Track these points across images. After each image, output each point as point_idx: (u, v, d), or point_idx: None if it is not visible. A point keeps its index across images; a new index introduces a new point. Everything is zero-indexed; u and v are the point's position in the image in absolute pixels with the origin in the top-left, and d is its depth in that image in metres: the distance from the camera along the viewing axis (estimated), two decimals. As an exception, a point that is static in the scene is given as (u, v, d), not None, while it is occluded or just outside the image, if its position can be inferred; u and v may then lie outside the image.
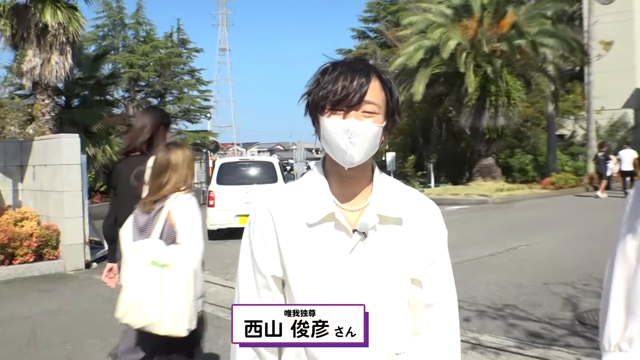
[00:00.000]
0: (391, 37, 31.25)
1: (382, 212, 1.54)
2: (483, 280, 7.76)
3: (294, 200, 1.56)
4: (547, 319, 5.93)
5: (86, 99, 21.44)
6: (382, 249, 1.52)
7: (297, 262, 1.51)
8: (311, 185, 1.58)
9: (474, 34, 22.92)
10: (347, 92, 1.46)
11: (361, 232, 1.51)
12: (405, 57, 23.63)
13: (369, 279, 1.49)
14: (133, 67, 33.02)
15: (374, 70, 1.54)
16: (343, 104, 1.47)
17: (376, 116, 1.50)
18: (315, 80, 1.53)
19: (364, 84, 1.48)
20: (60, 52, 15.59)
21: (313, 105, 1.53)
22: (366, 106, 1.48)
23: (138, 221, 3.21)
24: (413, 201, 1.62)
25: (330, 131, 1.48)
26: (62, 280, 8.99)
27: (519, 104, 23.15)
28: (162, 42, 36.65)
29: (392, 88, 1.56)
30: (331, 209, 1.52)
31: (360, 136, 1.47)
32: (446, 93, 26.00)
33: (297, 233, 1.52)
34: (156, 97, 36.61)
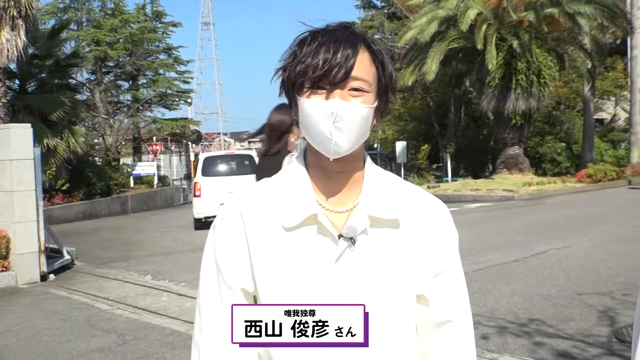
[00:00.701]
0: (401, 7, 31.28)
1: (374, 213, 1.47)
2: (505, 291, 7.72)
3: (269, 200, 1.50)
4: (580, 335, 5.88)
5: (44, 82, 21.39)
6: (374, 258, 1.46)
7: (271, 274, 1.45)
8: (290, 182, 1.52)
9: (498, 2, 22.86)
10: (329, 66, 1.40)
11: (348, 238, 1.44)
12: (417, 30, 23.60)
13: (359, 296, 1.43)
14: (99, 45, 32.97)
15: (363, 39, 1.48)
16: (325, 81, 1.40)
17: (366, 95, 1.43)
18: (292, 54, 1.47)
19: (350, 56, 1.41)
20: (11, 27, 15.59)
21: (289, 83, 1.47)
22: (353, 83, 1.41)
23: None
24: (414, 199, 1.56)
25: (310, 114, 1.42)
26: (13, 296, 8.95)
27: (550, 84, 23.11)
28: (133, 16, 36.61)
29: (384, 60, 1.49)
30: (313, 210, 1.46)
31: (348, 120, 1.40)
32: (465, 72, 25.99)
33: (271, 239, 1.46)
34: (127, 79, 36.64)
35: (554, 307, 6.93)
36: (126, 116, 33.97)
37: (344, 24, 1.52)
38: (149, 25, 36.67)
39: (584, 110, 27.25)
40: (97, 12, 36.08)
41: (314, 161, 1.51)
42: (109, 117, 32.16)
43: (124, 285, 9.34)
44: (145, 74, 36.96)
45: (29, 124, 10.32)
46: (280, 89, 1.51)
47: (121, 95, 36.90)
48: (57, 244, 11.29)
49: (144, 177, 30.00)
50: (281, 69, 1.49)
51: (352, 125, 1.41)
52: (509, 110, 23.31)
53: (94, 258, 12.14)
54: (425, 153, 28.16)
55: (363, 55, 1.44)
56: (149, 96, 35.83)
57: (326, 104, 1.40)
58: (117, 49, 33.67)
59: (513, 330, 6.14)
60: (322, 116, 1.40)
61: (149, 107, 36.29)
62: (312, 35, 1.46)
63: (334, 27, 1.49)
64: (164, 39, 38.71)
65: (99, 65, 33.29)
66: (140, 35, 34.37)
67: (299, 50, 1.45)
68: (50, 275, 10.11)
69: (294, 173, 1.54)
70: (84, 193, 22.13)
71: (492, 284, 8.09)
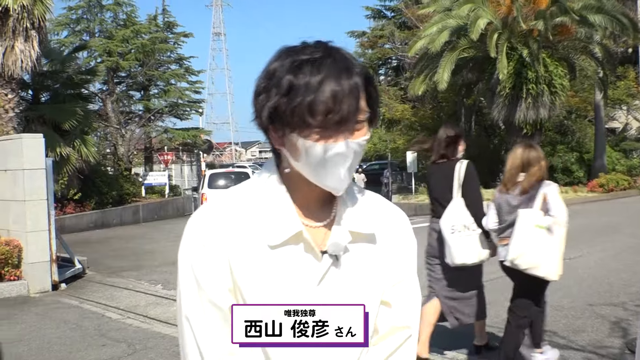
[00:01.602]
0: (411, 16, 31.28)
1: (354, 228, 1.43)
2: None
3: (247, 214, 1.42)
4: (592, 347, 5.84)
5: (57, 93, 21.52)
6: (357, 275, 1.43)
7: (257, 292, 1.39)
8: (268, 196, 1.44)
9: (508, 11, 22.81)
10: (341, 102, 1.27)
11: (332, 255, 1.40)
12: (428, 39, 23.56)
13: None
14: (111, 56, 33.13)
15: (363, 74, 1.35)
16: (336, 118, 1.27)
17: (364, 126, 1.35)
18: (287, 83, 1.29)
19: (358, 87, 1.29)
20: (25, 38, 15.70)
21: (278, 116, 1.32)
22: (359, 115, 1.31)
23: (509, 201, 5.15)
24: (380, 210, 1.53)
25: (317, 157, 1.31)
26: (25, 305, 8.97)
27: (561, 93, 22.99)
28: (145, 26, 36.76)
29: (374, 84, 1.38)
30: (298, 227, 1.40)
31: (356, 157, 1.34)
32: (475, 81, 25.92)
33: (255, 257, 1.39)
34: (139, 89, 36.80)
35: (566, 318, 6.88)
36: (138, 126, 34.08)
37: (334, 46, 1.37)
38: (160, 36, 36.81)
39: (596, 119, 27.11)
40: (109, 22, 36.28)
41: (297, 185, 1.43)
42: (120, 127, 32.28)
43: (134, 295, 9.35)
44: (157, 84, 37.10)
45: (41, 134, 10.37)
46: (256, 115, 1.38)
47: (133, 105, 37.06)
48: (69, 253, 11.33)
49: (155, 186, 30.07)
50: (262, 94, 1.34)
51: (356, 160, 1.35)
52: (520, 119, 23.20)
53: (105, 267, 12.17)
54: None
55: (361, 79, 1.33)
56: (161, 106, 35.96)
57: (339, 146, 1.30)
58: (128, 59, 33.81)
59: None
60: (334, 159, 1.31)
61: (161, 117, 36.41)
62: (313, 63, 1.30)
63: (332, 49, 1.35)
64: (176, 49, 38.94)
65: (111, 75, 33.44)
66: (151, 46, 34.50)
67: (296, 78, 1.29)
68: (62, 285, 10.14)
69: (271, 188, 1.45)
70: (95, 202, 22.20)
71: (504, 294, 7.98)
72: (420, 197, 25.80)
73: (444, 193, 5.43)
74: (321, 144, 1.30)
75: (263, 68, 1.37)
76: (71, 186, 20.51)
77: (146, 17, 38.82)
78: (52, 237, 10.09)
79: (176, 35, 39.59)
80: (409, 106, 32.54)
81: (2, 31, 15.55)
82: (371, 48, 42.47)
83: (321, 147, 1.30)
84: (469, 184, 5.41)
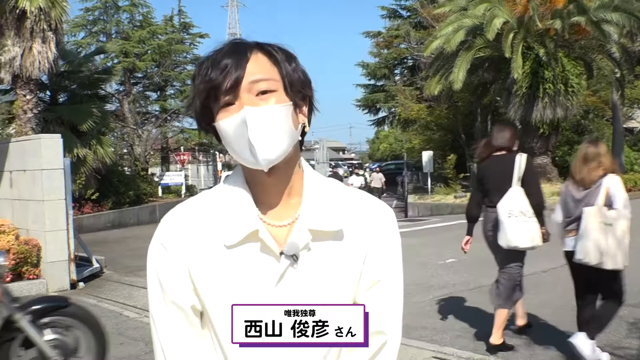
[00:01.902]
0: (427, 16, 31.21)
1: (316, 226, 1.41)
2: (534, 301, 7.61)
3: (208, 215, 1.44)
4: (610, 348, 5.78)
5: (74, 93, 21.66)
6: (317, 274, 1.41)
7: (213, 293, 1.40)
8: (230, 197, 1.46)
9: (524, 11, 22.73)
10: (224, 74, 1.36)
11: (290, 255, 1.39)
12: (443, 39, 23.53)
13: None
14: (128, 56, 33.33)
15: (252, 44, 1.43)
16: (227, 93, 1.36)
17: (275, 94, 1.38)
18: (192, 88, 1.44)
19: (238, 62, 1.37)
20: (42, 40, 15.78)
21: (200, 117, 1.43)
22: (256, 86, 1.37)
23: (574, 195, 5.38)
24: (357, 206, 1.50)
25: (227, 133, 1.37)
26: (43, 304, 9.01)
27: (578, 93, 22.87)
28: (161, 27, 36.96)
29: (283, 56, 1.44)
30: (254, 226, 1.40)
31: (264, 124, 1.35)
32: (492, 80, 25.85)
33: (212, 257, 1.40)
34: (155, 90, 36.98)
35: (583, 318, 6.82)
36: (154, 126, 34.24)
37: (232, 40, 1.47)
38: (176, 37, 36.98)
39: (613, 119, 26.92)
40: (125, 24, 36.50)
41: (251, 179, 1.45)
42: (137, 128, 32.45)
43: (151, 294, 9.39)
44: (173, 84, 37.28)
45: (59, 134, 10.45)
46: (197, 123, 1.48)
47: (149, 105, 37.27)
48: (87, 252, 11.41)
49: (172, 186, 30.21)
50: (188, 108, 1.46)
51: (271, 128, 1.36)
52: (536, 119, 23.10)
53: (122, 266, 12.23)
54: (452, 163, 27.95)
55: (256, 56, 1.40)
56: (177, 106, 36.10)
57: (236, 116, 1.35)
58: (145, 60, 33.99)
59: (542, 342, 6.07)
60: (238, 130, 1.35)
61: (177, 117, 36.54)
62: (199, 65, 1.43)
63: (218, 47, 1.44)
64: (192, 50, 39.06)
65: (127, 76, 33.62)
66: (168, 47, 34.67)
67: (197, 75, 1.41)
68: (80, 283, 10.21)
69: (234, 188, 1.47)
70: (112, 202, 22.33)
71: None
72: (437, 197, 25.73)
73: (504, 183, 5.79)
74: (225, 119, 1.37)
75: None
76: (89, 186, 20.63)
77: (162, 18, 39.07)
78: (71, 237, 10.18)
79: (192, 35, 39.74)
80: (424, 106, 32.46)
81: (20, 33, 15.65)
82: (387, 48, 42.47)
83: (223, 121, 1.37)
84: (530, 175, 5.88)
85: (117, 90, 33.56)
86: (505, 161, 5.90)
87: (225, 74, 1.36)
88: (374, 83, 47.04)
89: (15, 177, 10.66)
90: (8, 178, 10.85)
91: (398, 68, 45.30)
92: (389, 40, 42.06)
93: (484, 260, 10.82)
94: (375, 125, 50.18)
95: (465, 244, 6.42)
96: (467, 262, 10.48)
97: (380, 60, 44.13)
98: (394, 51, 41.88)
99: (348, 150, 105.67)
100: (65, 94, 21.87)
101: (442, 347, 6.02)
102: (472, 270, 9.84)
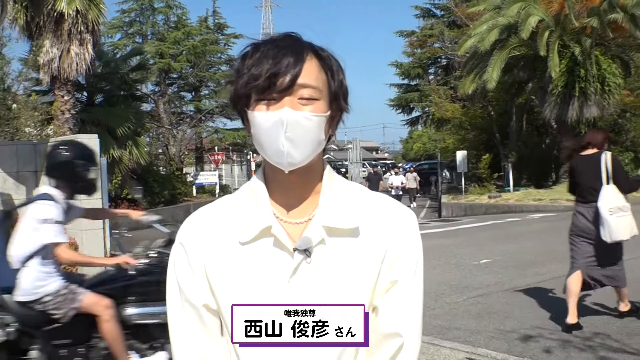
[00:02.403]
0: (461, 15, 31.02)
1: (331, 224, 1.43)
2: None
3: (226, 215, 1.48)
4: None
5: (110, 94, 21.94)
6: (331, 270, 1.41)
7: (227, 289, 1.42)
8: (249, 196, 1.49)
9: (560, 9, 22.43)
10: (274, 74, 1.36)
11: (303, 250, 1.40)
12: (477, 38, 23.35)
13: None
14: (163, 57, 33.70)
15: (308, 45, 1.44)
16: (272, 91, 1.37)
17: (316, 103, 1.39)
18: (236, 69, 1.44)
19: (295, 63, 1.37)
20: (79, 42, 16.06)
21: (236, 98, 1.43)
22: (302, 91, 1.38)
23: None
24: (378, 208, 1.50)
25: (260, 126, 1.39)
26: (80, 301, 9.14)
27: (614, 91, 22.50)
28: (195, 28, 37.30)
29: (333, 67, 1.45)
30: (268, 222, 1.42)
31: (299, 129, 1.36)
32: (527, 80, 25.57)
33: (226, 254, 1.43)
34: (190, 90, 37.32)
35: (620, 321, 6.72)
36: (189, 126, 34.54)
37: (289, 33, 1.47)
38: (211, 37, 37.29)
39: (651, 117, 26.49)
40: (161, 25, 36.91)
41: (271, 174, 1.48)
42: (172, 128, 32.77)
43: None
44: (208, 85, 37.56)
45: (95, 135, 10.58)
46: (230, 105, 1.48)
47: (184, 106, 37.64)
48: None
49: (206, 186, 30.46)
50: (228, 84, 1.47)
51: (304, 135, 1.37)
52: (572, 118, 22.80)
53: (157, 265, 12.33)
54: (487, 162, 27.70)
55: (310, 62, 1.40)
56: (211, 107, 36.37)
57: (276, 114, 1.36)
58: (180, 61, 34.33)
59: (577, 344, 5.98)
60: (272, 127, 1.36)
61: (211, 118, 36.83)
62: (255, 47, 1.43)
63: (277, 36, 1.45)
64: (226, 50, 39.35)
65: (162, 77, 34.00)
66: (202, 47, 34.99)
67: (242, 64, 1.42)
68: (116, 282, 10.31)
69: (253, 187, 1.50)
70: (148, 202, 22.57)
71: (555, 296, 7.90)
72: (471, 197, 25.54)
73: (592, 180, 6.34)
74: (260, 112, 1.38)
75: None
76: (124, 186, 20.89)
77: (197, 19, 39.38)
78: (107, 236, 10.30)
79: (226, 36, 40.02)
80: (458, 105, 32.23)
81: (58, 35, 15.93)
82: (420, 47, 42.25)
83: (260, 114, 1.38)
84: (619, 173, 6.42)
85: (152, 91, 33.96)
86: (592, 160, 6.41)
87: (281, 71, 1.37)
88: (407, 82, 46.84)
89: (53, 177, 10.80)
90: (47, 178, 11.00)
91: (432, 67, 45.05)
92: (422, 39, 41.83)
93: (518, 261, 10.75)
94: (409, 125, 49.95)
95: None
96: (501, 263, 10.40)
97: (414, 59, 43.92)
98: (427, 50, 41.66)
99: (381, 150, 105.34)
100: (102, 95, 22.17)
101: (476, 348, 5.97)
102: (506, 271, 9.75)
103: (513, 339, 6.25)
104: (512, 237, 13.78)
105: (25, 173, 11.20)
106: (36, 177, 11.28)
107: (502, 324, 6.83)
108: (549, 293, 8.04)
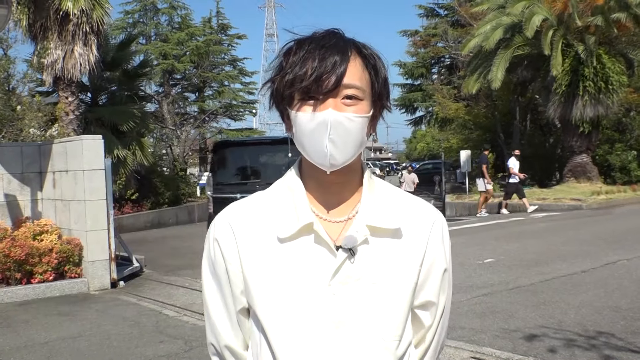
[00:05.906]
0: (465, 15, 30.92)
1: (374, 223, 1.41)
2: (573, 302, 7.53)
3: (262, 211, 1.46)
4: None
5: (114, 94, 21.94)
6: (375, 269, 1.40)
7: (265, 287, 1.40)
8: (285, 192, 1.47)
9: (563, 8, 22.38)
10: (319, 74, 1.34)
11: (347, 249, 1.38)
12: (481, 37, 23.31)
13: (359, 310, 1.38)
14: (167, 58, 33.71)
15: (352, 44, 1.41)
16: (316, 91, 1.35)
17: (360, 103, 1.38)
18: (279, 65, 1.42)
19: (340, 63, 1.35)
20: (84, 42, 16.04)
21: (278, 96, 1.42)
22: (346, 91, 1.36)
23: None
24: (415, 210, 1.51)
25: (304, 127, 1.37)
26: (85, 302, 9.20)
27: (619, 90, 22.45)
28: (199, 29, 37.31)
29: (377, 65, 1.43)
30: (309, 219, 1.40)
31: (343, 131, 1.35)
32: (530, 79, 25.53)
33: (264, 251, 1.41)
34: (193, 91, 37.34)
35: (624, 320, 6.72)
36: (193, 127, 34.57)
37: (332, 29, 1.44)
38: (214, 38, 37.31)
39: (656, 116, 26.40)
40: (164, 26, 36.95)
41: (309, 172, 1.46)
42: (176, 128, 32.79)
43: (190, 293, 9.49)
44: (211, 85, 37.59)
45: (100, 135, 10.62)
46: (269, 102, 1.47)
47: (188, 106, 37.64)
48: (127, 251, 11.57)
49: (209, 186, 30.40)
50: (269, 82, 1.45)
51: (347, 136, 1.36)
52: (576, 117, 22.73)
53: (161, 266, 12.38)
54: (490, 162, 27.63)
55: (355, 60, 1.38)
56: (215, 107, 36.41)
57: (320, 115, 1.34)
58: (183, 61, 34.34)
59: (581, 344, 5.98)
60: (316, 129, 1.35)
61: (215, 118, 36.87)
62: (298, 44, 1.40)
63: (321, 33, 1.42)
64: (229, 51, 39.40)
65: (166, 77, 34.03)
66: (206, 48, 34.99)
67: (286, 60, 1.40)
68: (120, 282, 10.35)
69: (289, 183, 1.48)
70: (152, 202, 22.60)
71: (559, 295, 7.91)
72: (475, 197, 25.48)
73: None
74: (304, 112, 1.36)
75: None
76: (128, 187, 20.90)
77: (200, 20, 39.41)
78: (111, 236, 10.32)
79: (230, 37, 40.06)
80: (462, 105, 32.17)
81: (62, 35, 15.92)
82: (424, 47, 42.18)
83: (304, 115, 1.36)
84: None
85: (155, 91, 33.97)
86: None
87: (327, 72, 1.35)
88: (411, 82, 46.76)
89: (57, 178, 10.86)
90: (51, 179, 11.06)
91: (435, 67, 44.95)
92: (426, 39, 41.75)
93: (522, 260, 10.75)
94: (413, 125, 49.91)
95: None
96: (506, 262, 10.40)
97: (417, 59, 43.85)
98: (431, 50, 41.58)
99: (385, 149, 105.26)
100: (106, 95, 22.17)
101: (480, 347, 5.98)
102: (510, 270, 9.75)
103: (517, 338, 6.25)
104: (516, 237, 13.76)
105: (29, 174, 11.25)
106: (41, 178, 11.33)
107: (506, 323, 6.83)
108: (553, 292, 8.04)
